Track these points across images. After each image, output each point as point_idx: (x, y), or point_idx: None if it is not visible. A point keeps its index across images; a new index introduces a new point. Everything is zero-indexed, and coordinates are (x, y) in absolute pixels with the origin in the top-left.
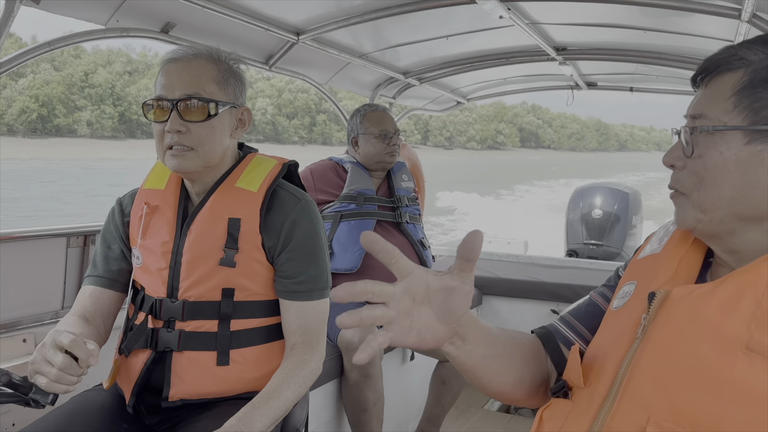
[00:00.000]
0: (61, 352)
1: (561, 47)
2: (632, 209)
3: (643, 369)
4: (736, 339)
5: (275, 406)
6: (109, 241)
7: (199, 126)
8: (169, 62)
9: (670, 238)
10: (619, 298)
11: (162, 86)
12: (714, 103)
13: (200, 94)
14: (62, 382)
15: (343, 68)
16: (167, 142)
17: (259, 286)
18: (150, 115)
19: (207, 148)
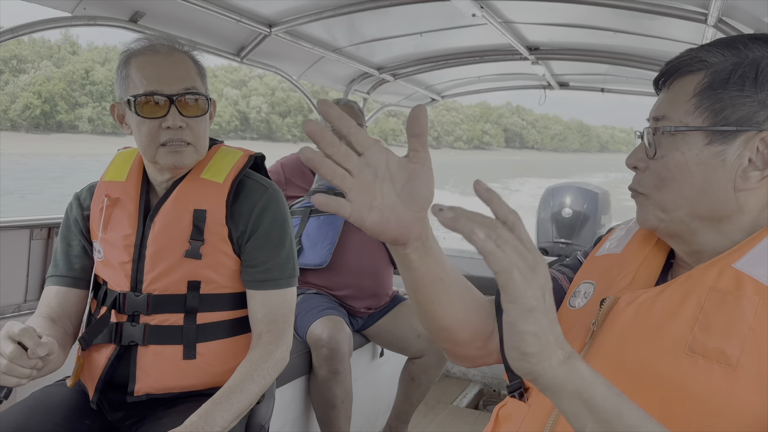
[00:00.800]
0: (13, 343)
1: (533, 47)
2: (601, 209)
3: None
4: (679, 342)
5: (238, 401)
6: (68, 237)
7: (197, 121)
8: (147, 55)
9: (632, 239)
10: (577, 297)
11: (152, 80)
12: (676, 104)
13: (196, 89)
14: (12, 374)
15: (317, 62)
16: (164, 139)
17: (226, 279)
18: (140, 110)
19: (203, 143)
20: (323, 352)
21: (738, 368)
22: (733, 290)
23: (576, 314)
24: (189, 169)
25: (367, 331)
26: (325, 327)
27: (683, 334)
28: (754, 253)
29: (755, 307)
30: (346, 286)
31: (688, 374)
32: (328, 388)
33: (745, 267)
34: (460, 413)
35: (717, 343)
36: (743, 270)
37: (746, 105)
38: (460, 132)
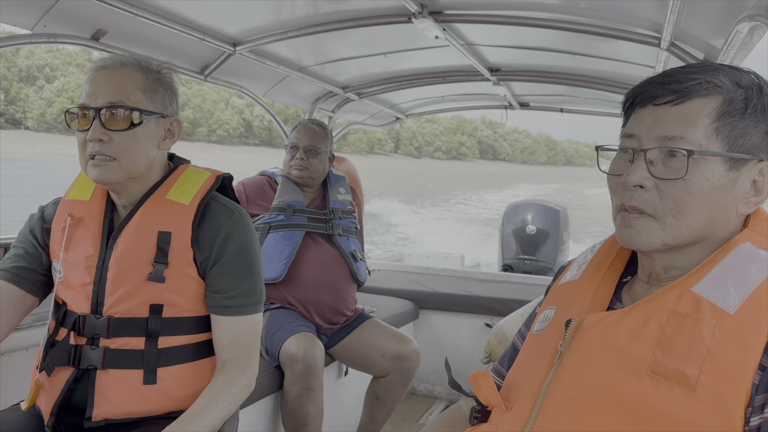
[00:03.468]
0: None
1: (495, 68)
2: (562, 225)
3: (559, 394)
4: (642, 363)
5: (201, 425)
6: (23, 243)
7: (122, 135)
8: (95, 70)
9: (588, 264)
10: (540, 322)
11: (86, 94)
12: (693, 126)
13: (124, 102)
14: None
15: (282, 81)
16: (89, 152)
17: (189, 302)
18: (74, 124)
19: (130, 158)
20: (298, 368)
21: (698, 389)
22: (692, 313)
23: (537, 337)
24: (116, 184)
25: (333, 350)
26: (299, 343)
27: (646, 355)
28: (711, 277)
29: (713, 329)
30: (304, 300)
31: (650, 395)
32: (300, 405)
33: (702, 291)
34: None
35: (677, 365)
36: (701, 294)
37: (755, 134)
38: (440, 143)
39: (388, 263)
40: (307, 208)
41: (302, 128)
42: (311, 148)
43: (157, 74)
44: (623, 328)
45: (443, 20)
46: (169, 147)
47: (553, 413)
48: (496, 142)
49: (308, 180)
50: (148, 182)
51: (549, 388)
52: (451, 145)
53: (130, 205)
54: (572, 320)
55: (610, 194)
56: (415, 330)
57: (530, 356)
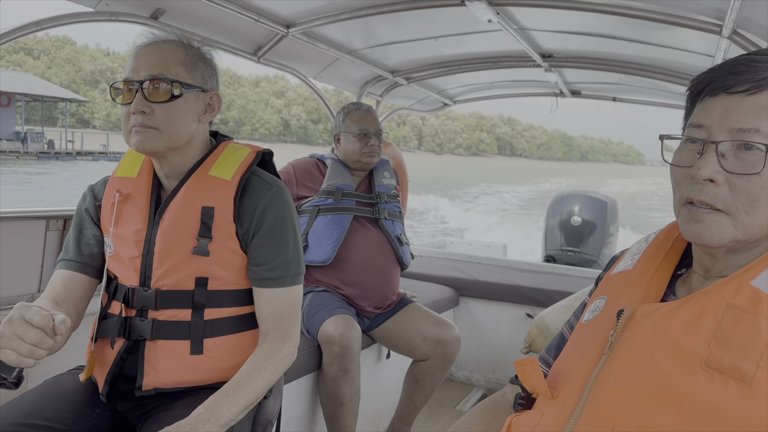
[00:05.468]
0: (34, 328)
1: (547, 54)
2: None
3: (608, 384)
4: (696, 356)
5: (244, 394)
6: (81, 225)
7: (163, 107)
8: (139, 46)
9: (642, 254)
10: (590, 312)
11: (130, 69)
12: None
13: (165, 75)
14: (33, 356)
15: (332, 64)
16: (131, 124)
17: (233, 275)
18: (118, 98)
19: (171, 129)
20: (335, 349)
21: (753, 385)
22: (750, 307)
23: (587, 327)
24: (157, 152)
25: (374, 332)
26: (337, 325)
27: (700, 349)
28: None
29: None
30: (352, 284)
31: (703, 389)
32: (337, 386)
33: (762, 284)
34: None
35: (733, 360)
36: (760, 287)
37: None
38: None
39: (430, 249)
40: (355, 191)
41: (366, 114)
42: (379, 133)
43: (198, 50)
44: (677, 320)
45: (497, 3)
46: (210, 120)
47: (602, 403)
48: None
49: (372, 165)
50: (190, 155)
51: (598, 377)
52: (471, 141)
53: (174, 180)
54: (624, 310)
55: (673, 186)
56: (455, 317)
57: (579, 345)
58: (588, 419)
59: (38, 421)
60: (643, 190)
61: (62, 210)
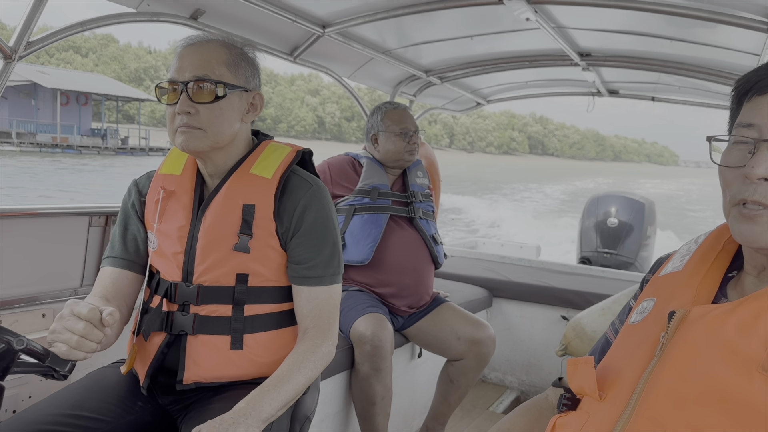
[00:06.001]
0: (82, 321)
1: (585, 53)
2: (647, 219)
3: (660, 387)
4: (752, 360)
5: (285, 390)
6: (126, 220)
7: (208, 107)
8: (183, 47)
9: (692, 256)
10: (638, 313)
11: (174, 69)
12: None
13: (209, 76)
14: (82, 349)
15: (366, 63)
16: (177, 124)
17: (272, 272)
18: (163, 98)
19: (215, 129)
20: (366, 348)
21: None
22: None
23: (635, 329)
24: (202, 152)
25: (407, 331)
26: (368, 324)
27: (756, 352)
28: None
29: None
30: (388, 283)
31: (759, 393)
32: (369, 384)
33: None
34: (497, 418)
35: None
36: None
37: None
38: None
39: (462, 250)
40: (390, 191)
41: (404, 112)
42: (417, 131)
43: (240, 50)
44: (732, 322)
45: (536, 1)
46: (252, 120)
47: (653, 405)
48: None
49: (411, 163)
50: (232, 154)
51: (649, 379)
52: (503, 140)
53: (217, 178)
54: (677, 312)
55: (723, 187)
56: (489, 318)
57: (628, 347)
58: (638, 421)
59: (83, 412)
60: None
61: (104, 206)
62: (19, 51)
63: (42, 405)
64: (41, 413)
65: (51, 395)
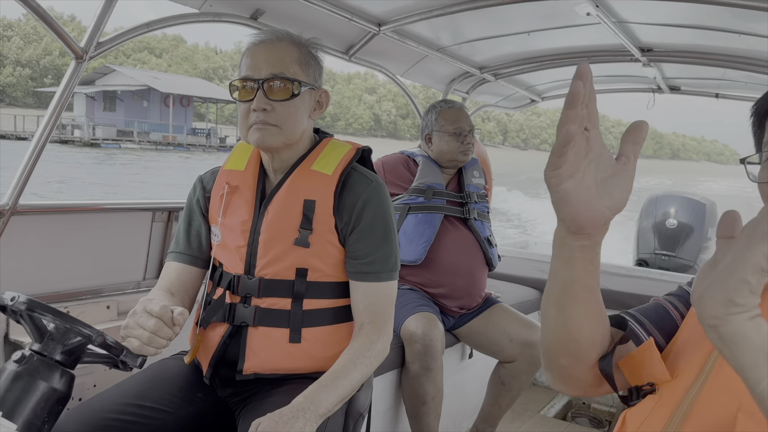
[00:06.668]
0: (154, 318)
1: (646, 48)
2: (708, 221)
3: None
4: None
5: (342, 386)
6: (190, 216)
7: (283, 105)
8: (254, 44)
9: None
10: None
11: (248, 67)
12: None
13: (284, 74)
14: (153, 344)
15: (420, 61)
16: (252, 120)
17: (331, 267)
18: (236, 95)
19: (290, 126)
20: (416, 347)
21: None
22: None
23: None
24: (274, 148)
25: (458, 331)
26: (419, 323)
27: None
28: None
29: None
30: (440, 284)
31: None
32: (419, 383)
33: None
34: (548, 423)
35: None
36: None
37: None
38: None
39: (513, 249)
40: (445, 190)
41: (460, 112)
42: (472, 130)
43: (308, 48)
44: None
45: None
46: (318, 117)
47: (727, 377)
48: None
49: (465, 163)
50: (297, 150)
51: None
52: None
53: (280, 173)
54: None
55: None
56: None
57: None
58: (711, 393)
59: (146, 402)
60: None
61: (167, 202)
62: (89, 51)
63: (107, 394)
64: (106, 402)
65: (116, 385)
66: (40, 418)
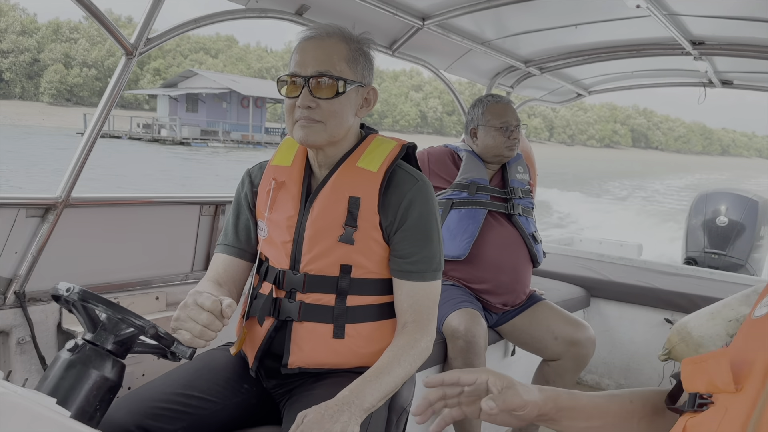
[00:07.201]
0: (205, 311)
1: (698, 41)
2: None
3: None
4: None
5: (385, 382)
6: (238, 210)
7: (328, 102)
8: (303, 40)
9: None
10: (762, 306)
11: (296, 63)
12: None
13: (330, 72)
14: (204, 337)
15: (464, 55)
16: (297, 116)
17: (375, 264)
18: (284, 90)
19: (334, 123)
20: (459, 344)
21: None
22: None
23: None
24: (318, 145)
25: (501, 328)
26: (462, 319)
27: None
28: None
29: None
30: (484, 280)
31: None
32: None
33: None
34: None
35: None
36: None
37: None
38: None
39: (557, 247)
40: (489, 186)
41: (507, 106)
42: (519, 125)
43: (358, 44)
44: None
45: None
46: (365, 115)
47: None
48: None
49: (511, 158)
50: (343, 147)
51: None
52: (605, 133)
53: (325, 169)
54: None
55: None
56: (586, 318)
57: (756, 339)
58: None
59: (193, 392)
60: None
61: (214, 196)
62: (139, 47)
63: (156, 383)
64: (155, 391)
65: (164, 374)
66: (92, 405)
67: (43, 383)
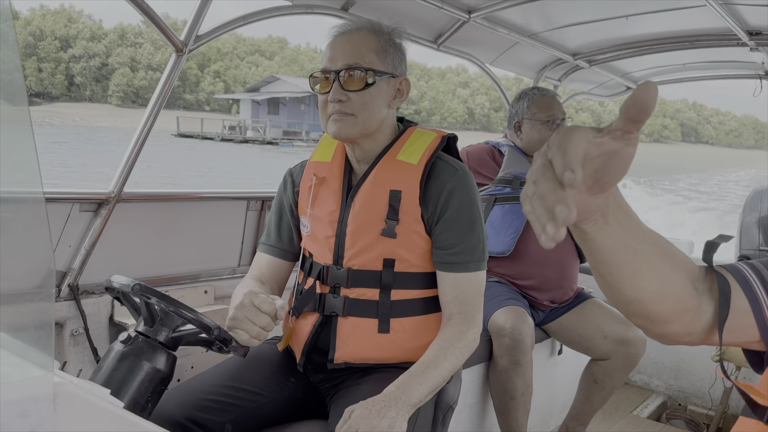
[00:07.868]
0: (263, 314)
1: (755, 31)
2: None
3: None
4: None
5: (432, 376)
6: (280, 210)
7: (359, 94)
8: (334, 36)
9: None
10: None
11: (327, 59)
12: None
13: (360, 64)
14: (260, 338)
15: (510, 48)
16: (329, 111)
17: (418, 258)
18: (317, 87)
19: (366, 115)
20: (505, 341)
21: None
22: None
23: None
24: (352, 138)
25: (548, 326)
26: (507, 316)
27: None
28: None
29: None
30: (529, 276)
31: None
32: (508, 378)
33: None
34: (641, 423)
35: None
36: None
37: None
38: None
39: None
40: None
41: (553, 99)
42: (564, 119)
43: (388, 36)
44: None
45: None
46: (398, 106)
47: None
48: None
49: None
50: (380, 140)
51: None
52: (654, 127)
53: (365, 164)
54: None
55: None
56: None
57: None
58: None
59: (242, 384)
60: None
61: (261, 192)
62: (189, 44)
63: (205, 376)
64: (204, 383)
65: (213, 367)
66: (144, 396)
67: (96, 374)
